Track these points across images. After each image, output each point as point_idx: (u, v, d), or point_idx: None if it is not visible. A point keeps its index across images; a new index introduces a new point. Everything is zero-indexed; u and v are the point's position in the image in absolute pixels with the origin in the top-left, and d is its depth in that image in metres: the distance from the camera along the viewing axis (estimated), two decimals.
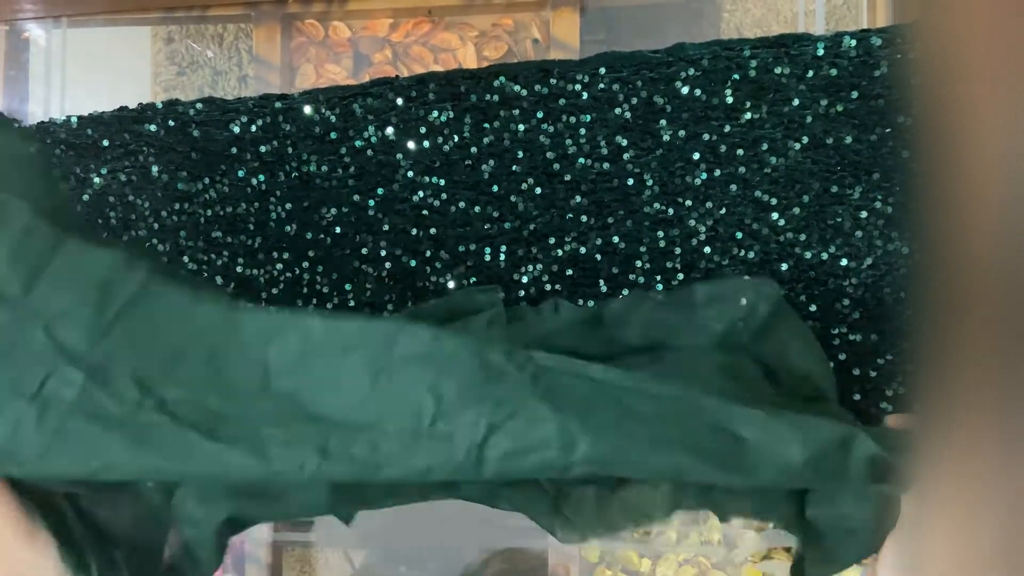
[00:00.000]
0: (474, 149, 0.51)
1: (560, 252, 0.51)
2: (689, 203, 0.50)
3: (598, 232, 0.51)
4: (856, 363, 0.50)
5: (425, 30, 0.66)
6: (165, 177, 0.55)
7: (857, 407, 0.50)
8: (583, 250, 0.51)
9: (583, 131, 0.50)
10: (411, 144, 0.52)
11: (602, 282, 0.51)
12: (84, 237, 0.34)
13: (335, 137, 0.52)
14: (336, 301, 0.54)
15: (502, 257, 0.52)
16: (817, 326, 0.50)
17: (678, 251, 0.50)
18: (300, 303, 0.54)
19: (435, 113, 0.51)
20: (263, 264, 0.54)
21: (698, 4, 0.74)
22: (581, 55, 0.61)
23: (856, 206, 0.48)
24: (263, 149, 0.53)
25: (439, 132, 0.51)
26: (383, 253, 0.53)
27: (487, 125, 0.51)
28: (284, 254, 0.54)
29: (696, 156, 0.49)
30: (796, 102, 0.48)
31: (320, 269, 0.54)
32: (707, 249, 0.50)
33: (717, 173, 0.49)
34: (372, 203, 0.53)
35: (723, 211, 0.50)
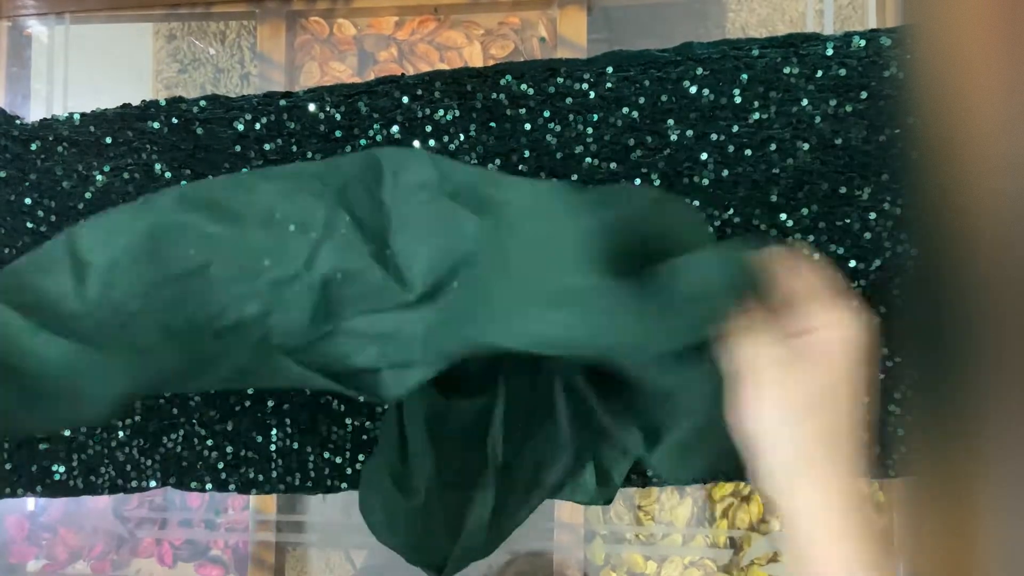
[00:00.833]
0: (480, 148, 0.51)
1: None
2: (697, 203, 0.49)
3: None
4: None
5: (431, 28, 0.66)
6: (168, 175, 0.54)
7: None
8: None
9: (590, 130, 0.50)
10: (417, 143, 0.51)
11: None
12: None
13: (340, 135, 0.52)
14: None
15: None
16: None
17: None
18: None
19: (441, 112, 0.51)
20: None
21: (703, 4, 0.74)
22: (588, 54, 0.61)
23: (865, 207, 0.48)
24: (267, 147, 0.53)
25: (445, 131, 0.51)
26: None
27: (493, 124, 0.51)
28: None
29: (704, 156, 0.49)
30: (805, 102, 0.48)
31: None
32: None
33: (725, 173, 0.49)
34: None
35: (731, 211, 0.49)
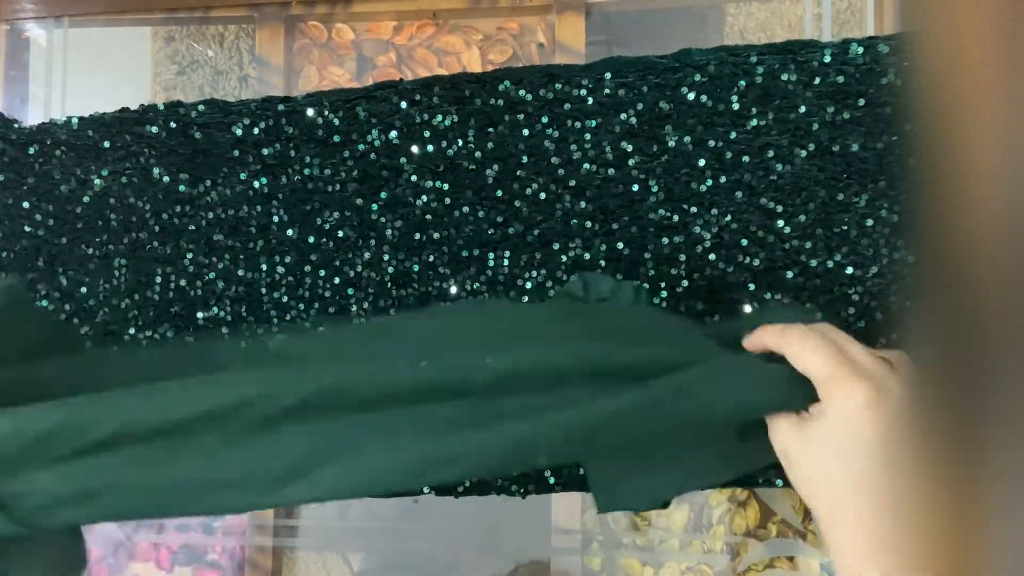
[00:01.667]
0: (478, 154, 0.51)
1: (564, 258, 0.51)
2: (694, 210, 0.50)
3: (602, 238, 0.51)
4: None
5: (429, 33, 0.66)
6: (166, 179, 0.54)
7: None
8: (587, 256, 0.51)
9: (588, 136, 0.50)
10: (415, 148, 0.51)
11: None
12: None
13: (338, 140, 0.52)
14: (338, 306, 0.53)
15: (505, 262, 0.51)
16: None
17: (683, 258, 0.50)
18: (302, 307, 0.54)
19: (439, 117, 0.51)
20: (265, 268, 0.54)
21: (702, 9, 0.74)
22: (586, 60, 0.61)
23: (862, 214, 0.48)
24: (265, 152, 0.53)
25: (443, 136, 0.51)
26: (386, 257, 0.53)
27: (492, 129, 0.51)
28: (286, 258, 0.54)
29: (702, 163, 0.49)
30: (803, 109, 0.48)
31: (322, 273, 0.53)
32: (712, 256, 0.50)
33: (723, 180, 0.49)
34: (375, 207, 0.52)
35: (728, 218, 0.49)
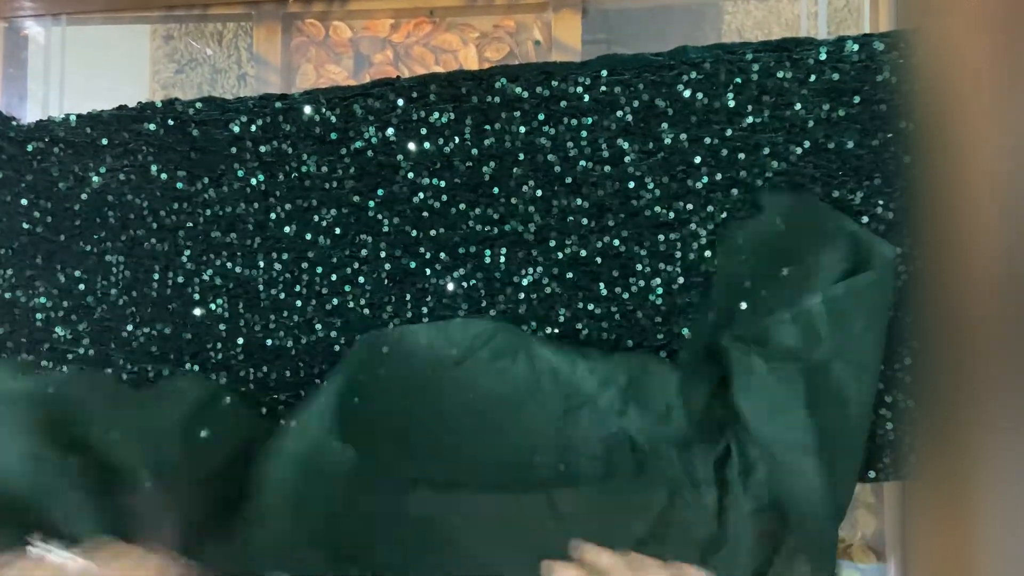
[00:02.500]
0: (475, 151, 0.51)
1: (560, 255, 0.51)
2: (690, 207, 0.50)
3: (598, 235, 0.51)
4: None
5: (426, 31, 0.66)
6: (164, 176, 0.54)
7: None
8: (583, 253, 0.51)
9: (584, 133, 0.50)
10: (412, 145, 0.52)
11: (602, 285, 0.51)
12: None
13: (335, 138, 0.52)
14: (335, 302, 0.53)
15: (502, 259, 0.52)
16: None
17: (678, 254, 0.50)
18: (298, 304, 0.54)
19: (436, 114, 0.51)
20: (262, 265, 0.54)
21: (699, 6, 0.74)
22: (583, 57, 0.61)
23: (858, 211, 0.48)
24: (263, 149, 0.53)
25: (440, 133, 0.51)
26: (383, 254, 0.53)
27: (488, 127, 0.51)
28: (283, 255, 0.54)
29: (697, 160, 0.49)
30: (798, 106, 0.48)
31: (319, 270, 0.53)
32: (708, 253, 0.50)
33: (718, 177, 0.49)
34: (372, 204, 0.52)
35: (724, 215, 0.49)
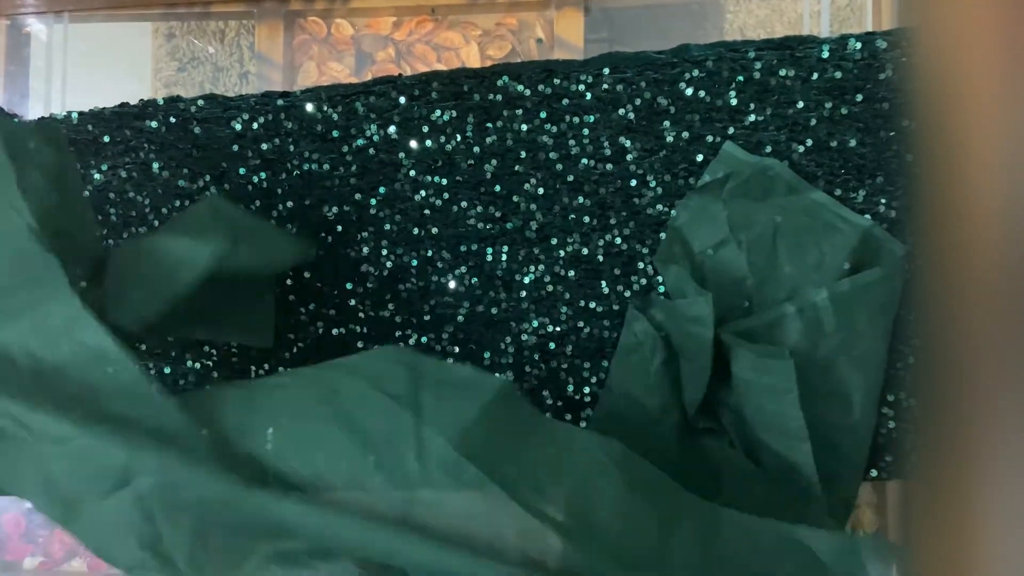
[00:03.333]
0: (477, 149, 0.51)
1: (562, 253, 0.51)
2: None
3: (600, 233, 0.51)
4: None
5: (428, 28, 0.66)
6: (166, 174, 0.54)
7: None
8: (585, 251, 0.51)
9: (586, 131, 0.50)
10: (413, 143, 0.52)
11: (604, 283, 0.51)
12: None
13: (337, 135, 0.52)
14: (337, 300, 0.53)
15: (504, 257, 0.52)
16: None
17: None
18: (299, 302, 0.54)
19: (438, 112, 0.51)
20: None
21: (701, 5, 0.74)
22: (585, 55, 0.61)
23: (860, 210, 0.48)
24: (265, 147, 0.53)
25: (442, 131, 0.51)
26: (384, 252, 0.53)
27: (490, 125, 0.51)
28: None
29: (700, 158, 0.49)
30: (800, 104, 0.48)
31: (321, 268, 0.53)
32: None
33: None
34: (374, 202, 0.52)
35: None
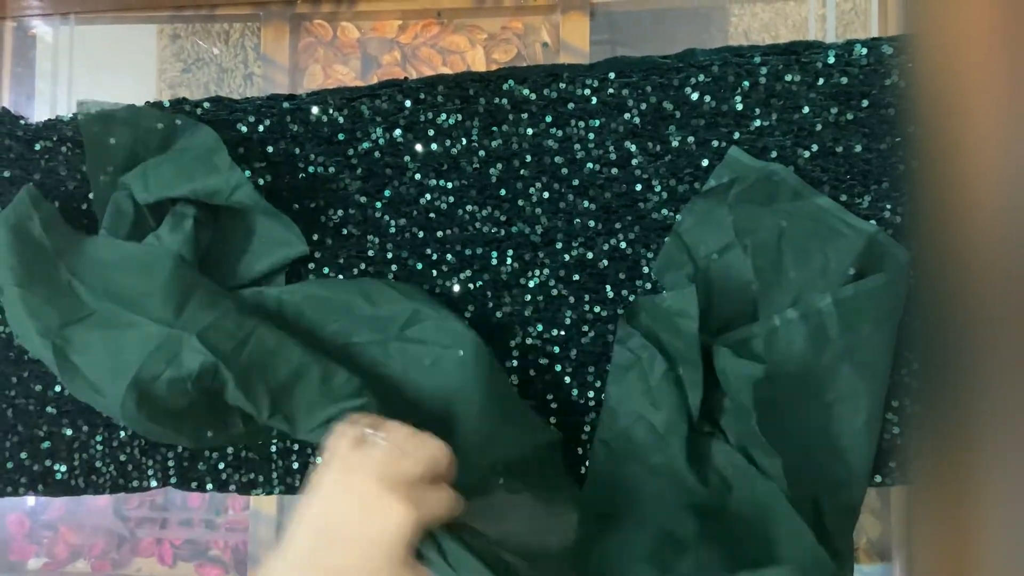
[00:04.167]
0: (482, 152, 0.51)
1: (567, 257, 0.51)
2: None
3: (605, 237, 0.51)
4: None
5: (434, 32, 0.66)
6: None
7: None
8: (590, 255, 0.51)
9: (592, 136, 0.50)
10: (419, 146, 0.52)
11: (608, 287, 0.51)
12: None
13: (343, 138, 0.52)
14: None
15: (509, 261, 0.52)
16: None
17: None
18: None
19: (443, 116, 0.51)
20: None
21: (706, 9, 0.74)
22: (591, 59, 0.61)
23: (865, 215, 0.48)
24: (270, 149, 0.53)
25: (447, 135, 0.51)
26: (389, 255, 0.53)
27: (495, 128, 0.51)
28: None
29: (705, 163, 0.49)
30: (806, 110, 0.48)
31: (325, 270, 0.53)
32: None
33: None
34: (379, 205, 0.53)
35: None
